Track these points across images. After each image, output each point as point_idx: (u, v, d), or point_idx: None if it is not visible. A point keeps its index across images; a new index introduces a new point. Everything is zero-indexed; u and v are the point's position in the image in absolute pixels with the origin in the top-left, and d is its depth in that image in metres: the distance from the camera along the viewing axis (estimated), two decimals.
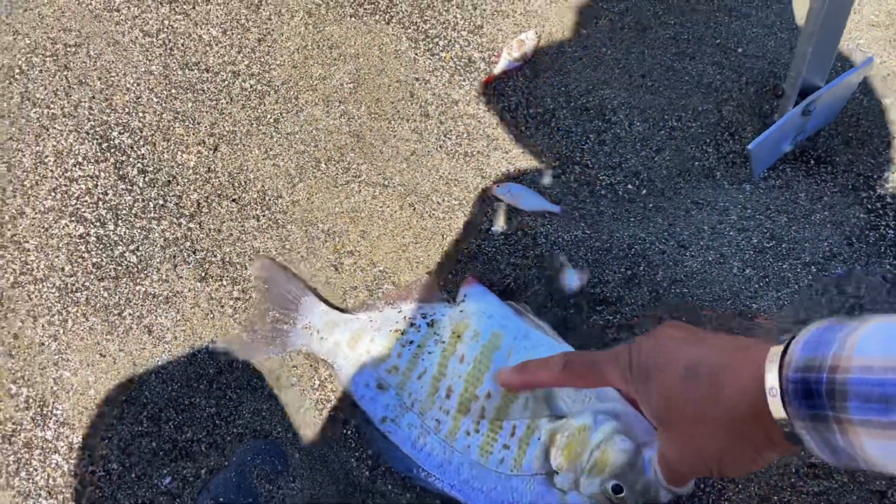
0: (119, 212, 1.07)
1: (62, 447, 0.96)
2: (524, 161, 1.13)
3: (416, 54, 1.19)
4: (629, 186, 1.12)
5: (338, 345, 0.98)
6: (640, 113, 1.16)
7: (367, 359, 0.97)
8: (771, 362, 0.51)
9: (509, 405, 0.89)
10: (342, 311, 1.02)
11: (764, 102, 1.15)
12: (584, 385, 0.74)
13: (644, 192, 1.12)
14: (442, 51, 1.20)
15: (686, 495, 0.73)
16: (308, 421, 0.98)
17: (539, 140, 1.15)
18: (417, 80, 1.18)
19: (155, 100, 1.13)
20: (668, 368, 0.60)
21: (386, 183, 1.11)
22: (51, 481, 0.95)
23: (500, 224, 1.08)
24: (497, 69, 1.18)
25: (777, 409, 0.50)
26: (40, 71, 1.14)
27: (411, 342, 0.96)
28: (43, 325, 1.01)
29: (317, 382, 0.99)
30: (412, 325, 0.98)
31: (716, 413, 0.55)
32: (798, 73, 1.04)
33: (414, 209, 1.10)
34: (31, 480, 0.95)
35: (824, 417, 0.45)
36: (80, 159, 1.09)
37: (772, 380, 0.50)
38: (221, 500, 0.94)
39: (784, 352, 0.52)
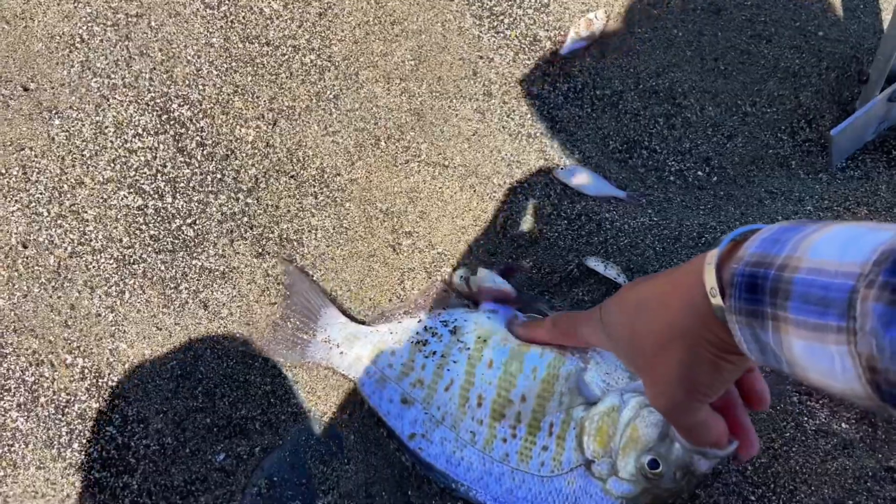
0: (177, 184, 1.06)
1: (116, 419, 0.95)
2: (589, 144, 1.10)
3: (481, 31, 1.16)
4: (699, 173, 1.08)
5: (359, 359, 0.95)
6: (713, 97, 1.11)
7: (390, 373, 0.94)
8: (709, 264, 0.50)
9: (545, 404, 0.86)
10: (362, 323, 0.99)
11: (844, 89, 1.10)
12: (568, 342, 0.78)
13: (715, 179, 1.07)
14: (507, 28, 1.16)
15: (722, 458, 0.66)
16: (364, 404, 0.96)
17: (605, 123, 1.11)
18: (481, 58, 1.14)
19: (215, 73, 1.12)
20: (624, 311, 0.61)
21: (446, 163, 1.08)
22: (104, 454, 0.94)
23: (504, 225, 1.04)
24: (564, 48, 1.14)
25: (718, 306, 0.50)
26: (101, 41, 1.13)
27: (434, 353, 0.93)
28: (100, 296, 1.00)
29: None
30: (433, 334, 0.94)
31: (667, 331, 0.55)
32: (887, 58, 0.98)
33: (474, 191, 1.07)
34: (83, 452, 0.94)
35: (761, 314, 0.44)
36: (139, 131, 1.08)
37: (710, 281, 0.49)
38: (275, 479, 0.92)
39: (725, 255, 0.51)
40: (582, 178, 1.06)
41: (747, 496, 0.88)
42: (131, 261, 1.02)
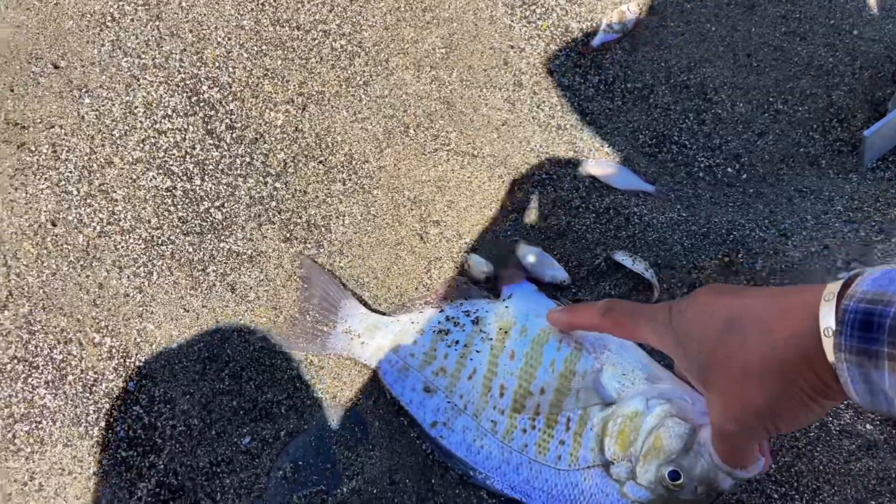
0: (206, 167, 1.06)
1: (143, 399, 0.96)
2: (619, 137, 1.09)
3: (512, 21, 1.15)
4: (729, 170, 1.07)
5: (380, 349, 0.96)
6: (744, 94, 1.11)
7: (413, 362, 0.94)
8: (826, 301, 0.47)
9: (562, 398, 0.86)
10: (382, 313, 0.99)
11: (878, 89, 1.09)
12: (619, 334, 0.72)
13: (744, 176, 1.07)
14: (539, 18, 1.15)
15: (749, 479, 0.67)
16: (389, 392, 0.97)
17: (636, 116, 1.10)
18: (512, 47, 1.14)
19: (245, 55, 1.11)
20: (710, 323, 0.56)
21: (475, 153, 1.08)
22: (130, 433, 0.94)
23: (531, 217, 1.04)
24: (596, 40, 1.13)
25: (831, 351, 0.47)
26: (132, 20, 1.12)
27: (457, 342, 0.93)
28: (128, 277, 1.00)
29: None
30: (456, 324, 0.94)
31: (763, 361, 0.51)
32: None
33: (503, 181, 1.06)
34: (110, 431, 0.95)
35: (875, 353, 0.42)
36: (169, 112, 1.07)
37: (827, 320, 0.47)
38: (300, 463, 0.93)
39: (843, 290, 0.48)
40: (611, 172, 1.06)
41: (770, 494, 0.89)
42: (159, 242, 1.02)
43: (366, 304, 1.00)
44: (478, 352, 0.92)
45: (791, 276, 0.98)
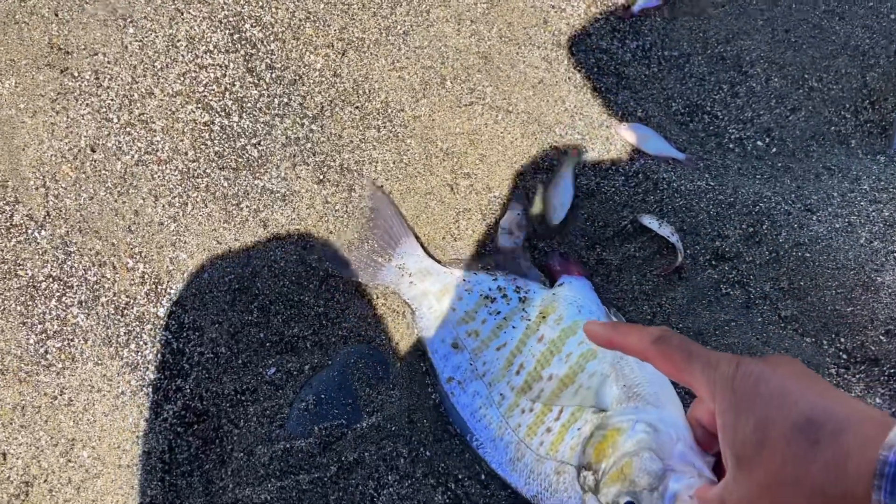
0: (244, 104, 1.07)
1: (173, 325, 0.98)
2: (653, 104, 1.10)
3: None
4: (759, 143, 1.09)
5: (426, 294, 0.98)
6: (780, 69, 1.12)
7: (451, 316, 0.96)
8: (883, 453, 0.42)
9: (562, 389, 0.87)
10: (438, 261, 1.01)
11: None
12: (665, 370, 0.61)
13: (774, 150, 1.08)
14: None
15: None
16: (412, 334, 0.99)
17: (670, 84, 1.11)
18: (553, 7, 1.14)
19: None
20: (784, 410, 0.49)
21: (510, 108, 1.09)
22: (159, 356, 0.97)
23: (585, 175, 1.05)
24: (636, 6, 1.14)
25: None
26: None
27: (498, 312, 0.95)
28: (164, 206, 1.02)
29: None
30: (504, 295, 0.96)
31: (823, 483, 0.46)
32: None
33: (535, 138, 1.08)
34: (139, 353, 0.97)
35: None
36: (210, 47, 1.09)
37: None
38: (322, 396, 0.95)
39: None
40: (643, 136, 1.07)
41: None
42: (195, 174, 1.04)
43: (424, 248, 1.02)
44: (514, 328, 0.94)
45: (813, 250, 1.00)
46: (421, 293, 0.98)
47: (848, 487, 0.44)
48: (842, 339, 0.96)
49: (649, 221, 1.01)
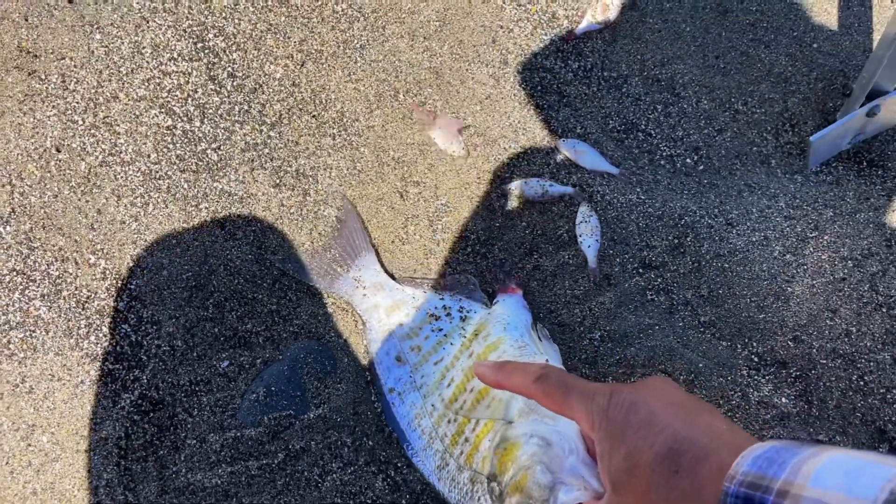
0: (206, 110, 1.13)
1: (132, 319, 1.04)
2: (591, 121, 1.18)
3: (504, 3, 1.23)
4: (687, 160, 1.17)
5: (377, 307, 1.04)
6: (709, 92, 1.20)
7: (398, 330, 1.03)
8: (738, 465, 0.46)
9: (478, 402, 0.91)
10: (394, 278, 1.08)
11: (829, 100, 1.19)
12: (549, 406, 0.63)
13: (701, 167, 1.17)
14: (529, 3, 1.23)
15: None
16: (358, 331, 1.06)
17: (608, 103, 1.19)
18: (502, 27, 1.22)
19: (251, 9, 1.18)
20: (650, 440, 0.52)
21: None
22: (118, 348, 1.03)
23: (512, 205, 1.13)
24: (579, 28, 1.22)
25: None
26: None
27: (441, 329, 1.02)
28: (126, 205, 1.08)
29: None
30: (448, 314, 1.03)
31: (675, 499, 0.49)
32: (871, 76, 1.08)
33: (481, 151, 1.15)
34: (99, 345, 1.03)
35: None
36: (175, 55, 1.14)
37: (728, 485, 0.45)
38: (272, 388, 1.01)
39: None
40: (580, 151, 1.15)
41: None
42: (157, 176, 1.09)
43: (382, 264, 1.08)
44: (451, 344, 1.00)
45: (732, 261, 1.09)
46: (372, 306, 1.05)
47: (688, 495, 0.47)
48: (754, 344, 1.05)
49: (580, 232, 1.09)
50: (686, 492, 0.49)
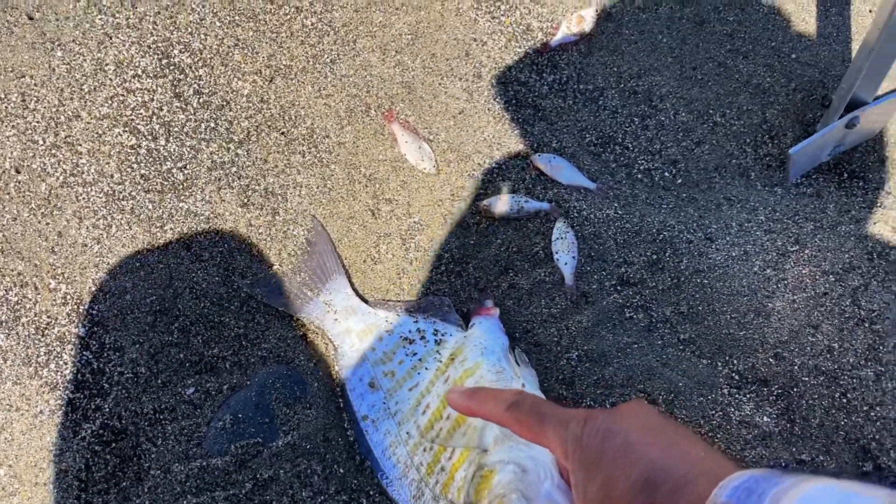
0: (171, 128, 1.10)
1: (94, 345, 1.00)
2: (567, 135, 1.16)
3: (477, 15, 1.21)
4: (666, 174, 1.15)
5: (349, 332, 1.02)
6: (687, 104, 1.18)
7: (370, 355, 1.00)
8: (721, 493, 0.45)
9: (454, 430, 0.90)
10: (364, 301, 1.05)
11: (808, 111, 1.17)
12: (522, 434, 0.61)
13: (679, 181, 1.14)
14: (503, 15, 1.21)
15: None
16: (329, 357, 1.03)
17: (585, 116, 1.17)
18: (475, 40, 1.19)
19: (218, 24, 1.15)
20: (626, 470, 0.51)
21: (431, 137, 1.14)
22: (79, 376, 0.99)
23: (502, 203, 1.11)
24: (554, 41, 1.20)
25: None
26: None
27: (415, 354, 0.99)
28: (88, 228, 1.04)
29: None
30: (423, 338, 1.00)
31: None
32: (850, 86, 1.06)
33: (454, 167, 1.12)
34: (59, 373, 0.99)
35: None
36: (139, 72, 1.11)
37: None
38: (240, 416, 0.98)
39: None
40: (557, 167, 1.12)
41: None
42: (121, 197, 1.06)
43: (353, 287, 1.05)
44: (426, 369, 0.97)
45: (711, 277, 1.06)
46: (344, 331, 1.02)
47: None
48: (734, 361, 1.02)
49: (556, 248, 1.06)
50: None
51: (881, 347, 1.04)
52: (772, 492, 0.41)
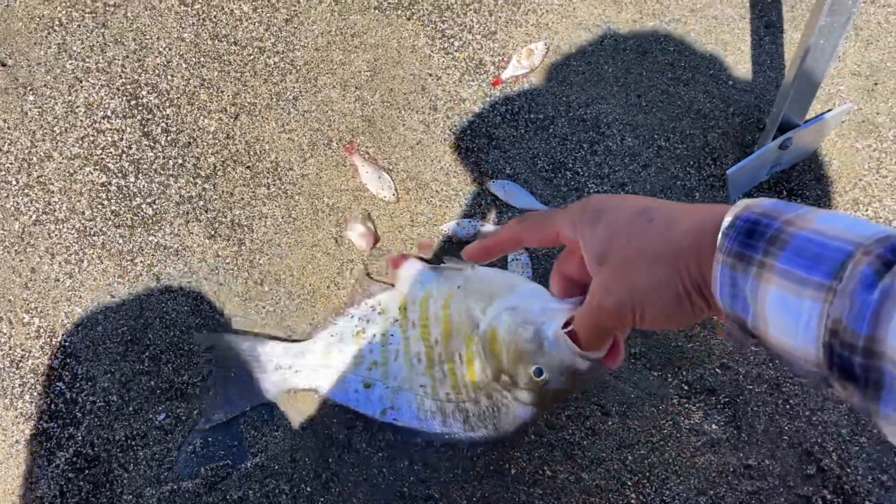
0: (140, 166, 1.15)
1: (66, 376, 1.04)
2: (520, 162, 1.22)
3: (432, 51, 1.27)
4: None
5: (314, 368, 1.05)
6: (633, 130, 1.25)
7: (346, 368, 1.04)
8: (736, 207, 0.50)
9: (448, 339, 0.95)
10: (300, 340, 1.08)
11: (747, 133, 1.24)
12: (533, 235, 0.67)
13: None
14: (456, 51, 1.28)
15: (597, 360, 0.68)
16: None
17: (536, 144, 1.23)
18: (430, 75, 1.26)
19: (184, 65, 1.21)
20: (622, 209, 0.58)
21: (391, 167, 1.19)
22: (53, 406, 1.03)
23: (458, 233, 1.16)
24: (505, 74, 1.26)
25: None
26: (79, 26, 1.21)
27: (374, 335, 1.04)
28: (60, 263, 1.08)
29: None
30: (368, 321, 1.05)
31: (659, 246, 0.53)
32: (780, 110, 1.13)
33: (413, 195, 1.18)
34: (34, 404, 1.03)
35: (748, 258, 0.46)
36: (108, 113, 1.16)
37: (730, 218, 0.49)
38: (209, 439, 1.02)
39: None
40: (511, 192, 1.18)
41: (625, 481, 1.02)
42: (92, 232, 1.11)
43: (279, 337, 1.08)
44: (391, 335, 1.02)
45: None
46: (311, 370, 1.05)
47: (678, 244, 0.52)
48: (683, 373, 1.08)
49: (513, 268, 1.11)
50: (661, 231, 0.54)
51: None
52: (807, 207, 0.46)
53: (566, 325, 0.68)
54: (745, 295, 0.46)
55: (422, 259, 1.06)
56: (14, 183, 1.11)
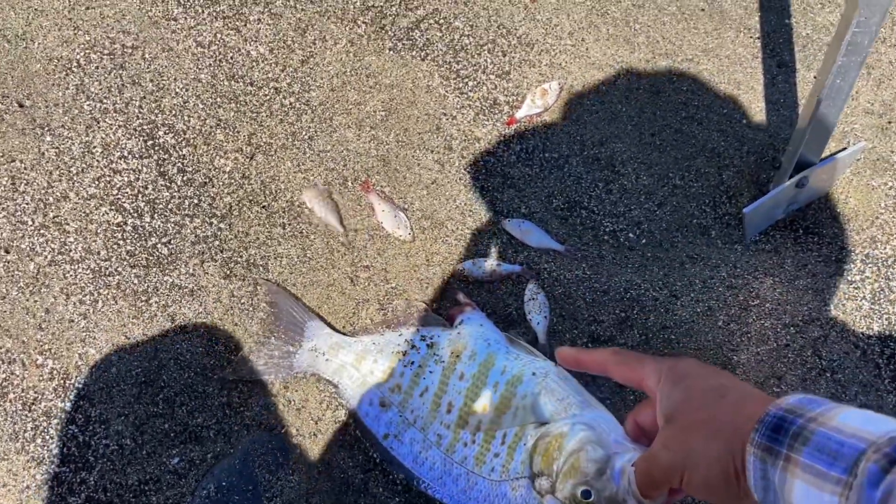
0: (156, 206, 1.15)
1: (80, 419, 1.02)
2: (535, 200, 1.22)
3: (447, 91, 1.28)
4: (630, 235, 1.21)
5: (343, 366, 1.06)
6: (647, 168, 1.25)
7: (371, 379, 1.04)
8: (779, 399, 0.55)
9: (501, 416, 0.96)
10: (345, 334, 1.09)
11: (762, 172, 1.24)
12: (622, 372, 0.71)
13: (644, 241, 1.20)
14: (471, 91, 1.29)
15: None
16: (311, 421, 1.05)
17: (551, 183, 1.23)
18: (445, 115, 1.26)
19: (200, 106, 1.22)
20: (703, 378, 0.63)
21: (406, 206, 1.19)
22: (65, 450, 1.01)
23: (475, 273, 1.16)
24: (519, 113, 1.27)
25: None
26: (97, 67, 1.22)
27: (412, 362, 1.04)
28: (74, 304, 1.08)
29: (322, 390, 1.06)
30: (413, 346, 1.05)
31: (723, 422, 0.58)
32: (796, 149, 1.13)
33: (428, 234, 1.18)
34: (46, 448, 1.01)
35: (776, 452, 0.51)
36: (125, 153, 1.17)
37: (761, 413, 0.54)
38: (224, 484, 1.00)
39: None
40: (526, 231, 1.18)
41: None
42: (107, 273, 1.10)
43: (330, 325, 1.09)
44: (430, 372, 1.02)
45: (678, 332, 1.11)
46: (339, 366, 1.06)
47: (739, 427, 0.55)
48: None
49: (528, 309, 1.11)
50: (729, 410, 0.58)
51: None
52: (830, 405, 0.51)
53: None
54: (775, 486, 0.51)
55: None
56: (30, 223, 1.11)
